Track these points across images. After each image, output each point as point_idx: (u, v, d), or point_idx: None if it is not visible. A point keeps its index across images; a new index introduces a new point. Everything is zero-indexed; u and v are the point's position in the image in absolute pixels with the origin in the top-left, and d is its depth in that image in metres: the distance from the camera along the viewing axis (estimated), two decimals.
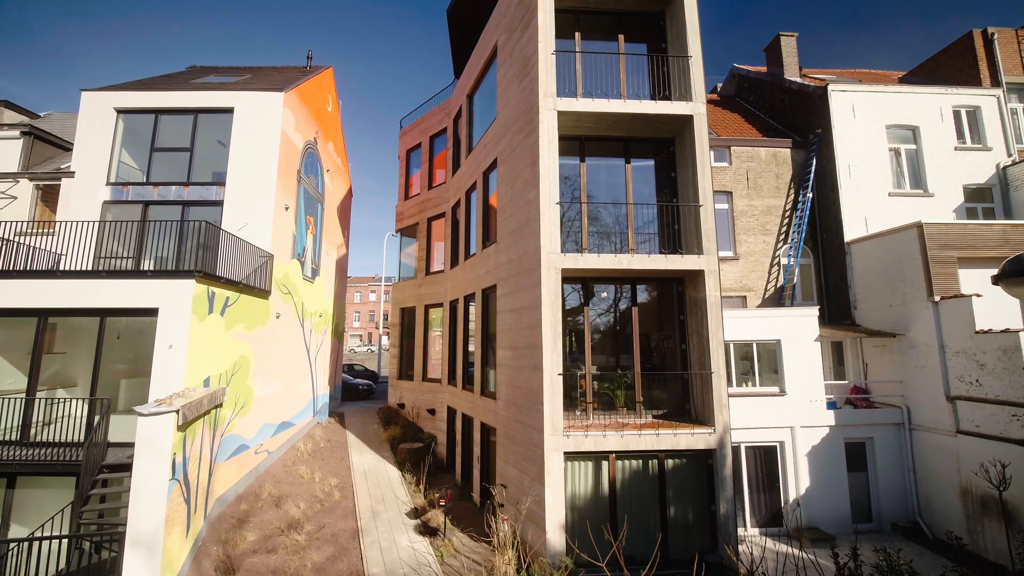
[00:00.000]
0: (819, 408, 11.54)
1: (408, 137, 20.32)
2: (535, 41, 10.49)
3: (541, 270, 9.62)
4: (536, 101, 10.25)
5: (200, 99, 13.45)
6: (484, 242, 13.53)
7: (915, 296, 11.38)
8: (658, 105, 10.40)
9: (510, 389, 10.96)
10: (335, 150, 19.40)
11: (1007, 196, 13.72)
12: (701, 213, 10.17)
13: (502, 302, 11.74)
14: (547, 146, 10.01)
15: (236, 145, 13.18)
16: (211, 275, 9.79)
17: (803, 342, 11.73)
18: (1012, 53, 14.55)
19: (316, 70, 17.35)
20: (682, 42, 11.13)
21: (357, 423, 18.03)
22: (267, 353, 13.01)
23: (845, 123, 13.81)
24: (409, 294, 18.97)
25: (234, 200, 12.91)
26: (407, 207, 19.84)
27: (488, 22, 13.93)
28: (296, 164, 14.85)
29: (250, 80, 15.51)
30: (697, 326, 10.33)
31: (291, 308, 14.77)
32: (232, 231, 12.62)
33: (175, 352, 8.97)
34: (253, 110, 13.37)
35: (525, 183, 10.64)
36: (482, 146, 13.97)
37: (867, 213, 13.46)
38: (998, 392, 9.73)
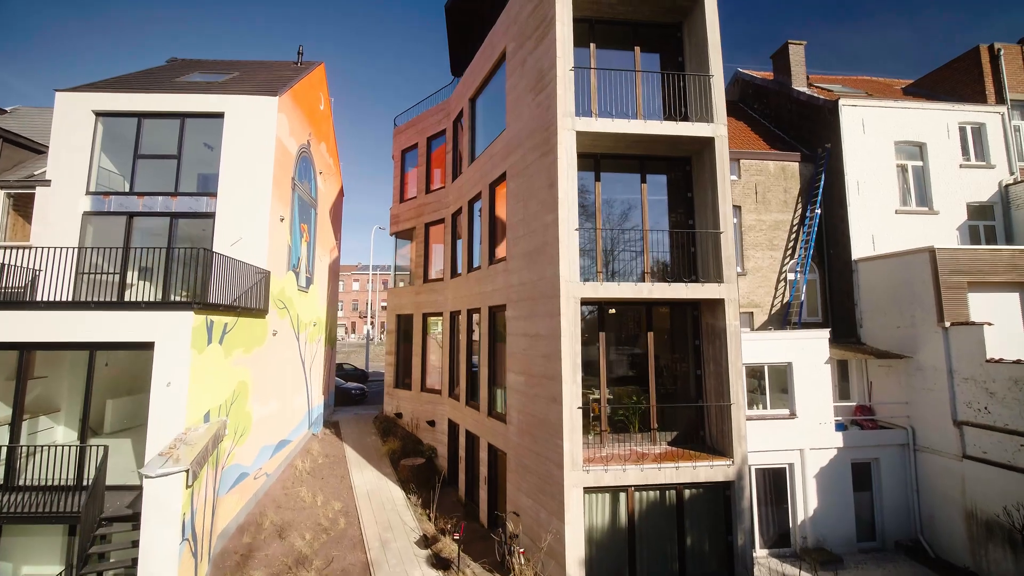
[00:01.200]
0: (828, 430, 11.60)
1: (403, 136, 19.58)
2: (552, 55, 9.99)
3: (560, 299, 9.30)
4: (554, 120, 9.80)
5: (187, 102, 12.57)
6: (491, 257, 13.12)
7: (924, 320, 11.43)
8: (679, 126, 10.06)
9: (523, 416, 10.69)
10: (327, 150, 18.57)
11: (1008, 214, 13.87)
12: (722, 240, 9.94)
13: (513, 324, 11.41)
14: (566, 168, 9.61)
15: (227, 152, 12.40)
16: (210, 304, 9.19)
17: (814, 364, 11.73)
18: (1016, 69, 14.58)
19: (308, 67, 16.44)
20: (701, 58, 10.76)
21: (354, 434, 17.62)
22: (265, 374, 12.47)
23: (855, 138, 13.70)
24: (406, 301, 18.46)
25: (226, 212, 12.19)
26: (403, 210, 19.20)
27: (496, 25, 13.30)
28: (290, 171, 14.11)
29: (238, 79, 14.59)
30: (714, 353, 10.19)
31: (287, 322, 14.18)
32: (226, 246, 11.95)
33: (174, 390, 8.42)
34: (245, 115, 12.57)
35: (541, 205, 10.24)
36: (488, 157, 13.45)
37: (874, 231, 13.45)
38: (1007, 421, 9.86)
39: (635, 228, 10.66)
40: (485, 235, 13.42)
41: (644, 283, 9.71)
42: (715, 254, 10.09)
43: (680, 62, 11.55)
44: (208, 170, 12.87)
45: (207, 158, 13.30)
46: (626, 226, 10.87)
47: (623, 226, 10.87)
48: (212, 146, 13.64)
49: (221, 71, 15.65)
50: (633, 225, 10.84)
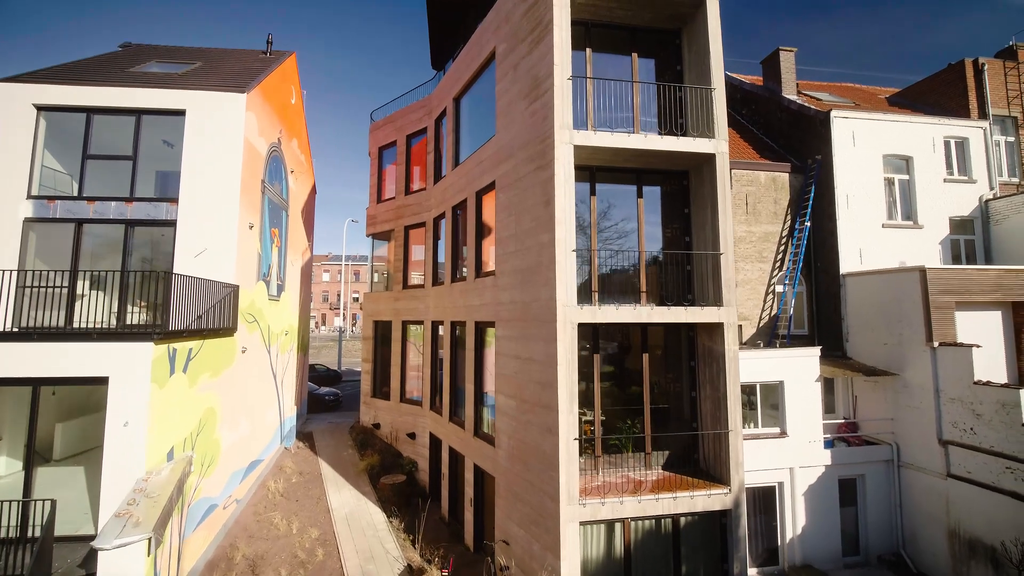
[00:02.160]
0: (817, 448, 11.59)
1: (380, 133, 18.60)
2: (549, 63, 9.37)
3: (557, 325, 8.81)
4: (550, 133, 9.22)
5: (144, 97, 11.40)
6: (478, 270, 12.51)
7: (912, 338, 11.47)
8: (680, 142, 9.63)
9: (514, 442, 10.23)
10: (299, 147, 17.45)
11: (987, 229, 14.09)
12: (722, 262, 9.62)
13: (503, 344, 10.88)
14: (563, 184, 9.06)
15: (190, 154, 11.33)
16: (172, 332, 8.32)
17: (805, 382, 11.66)
18: (999, 85, 14.74)
19: (277, 58, 15.27)
20: (702, 69, 10.33)
21: (329, 447, 16.86)
22: (234, 395, 11.60)
23: (845, 151, 13.60)
24: (384, 307, 17.67)
25: (189, 220, 11.16)
26: (380, 211, 18.30)
27: (484, 22, 12.53)
28: (260, 174, 13.09)
29: (201, 71, 13.38)
30: (711, 376, 9.93)
31: (257, 336, 13.26)
32: (189, 257, 10.96)
33: (133, 429, 7.58)
34: (210, 113, 11.49)
35: (535, 222, 9.68)
36: (475, 163, 12.76)
37: (862, 244, 13.45)
38: (993, 443, 9.98)
39: (631, 250, 10.23)
40: (471, 246, 12.78)
41: (643, 306, 9.32)
42: (715, 276, 9.77)
43: (678, 71, 11.10)
44: (170, 180, 11.75)
45: (168, 156, 12.16)
46: (622, 242, 10.45)
47: (619, 242, 10.44)
48: (172, 144, 12.51)
49: (181, 60, 14.35)
50: (629, 244, 10.42)
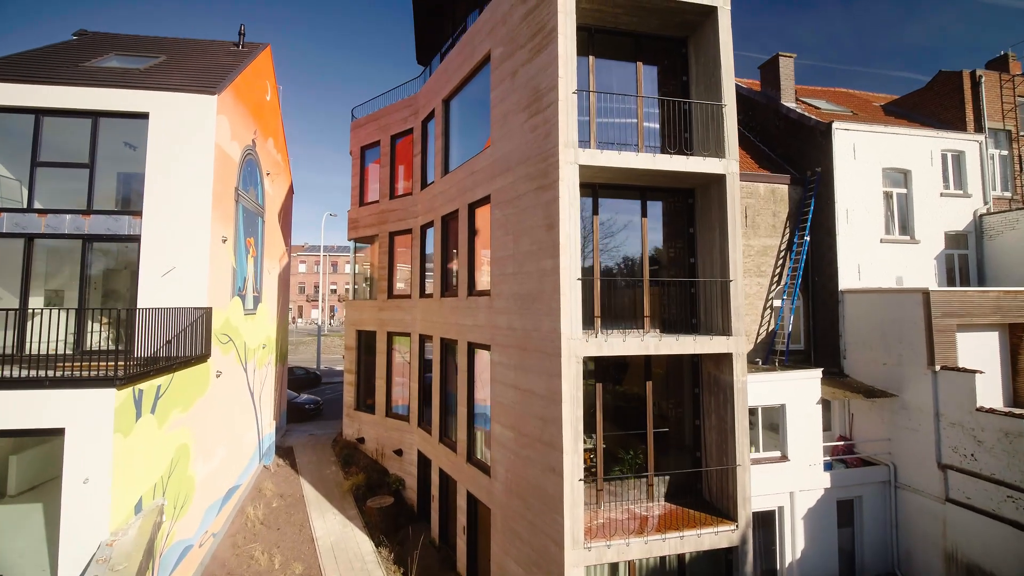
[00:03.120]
0: (818, 471, 11.45)
1: (363, 132, 17.61)
2: (552, 75, 8.68)
3: (561, 360, 8.27)
4: (554, 151, 8.57)
5: (101, 98, 10.28)
6: (470, 287, 11.86)
7: (912, 360, 11.34)
8: (690, 162, 9.10)
9: (512, 475, 9.73)
10: (275, 146, 16.35)
11: (981, 244, 14.07)
12: (731, 289, 9.19)
13: (500, 371, 10.31)
14: (567, 207, 8.45)
15: (154, 163, 10.31)
16: (137, 374, 7.48)
17: (806, 405, 11.45)
18: (994, 97, 14.63)
19: (251, 52, 14.12)
20: (710, 83, 9.78)
21: (311, 464, 16.11)
22: (209, 424, 10.77)
23: (846, 164, 13.32)
24: (367, 316, 16.88)
25: (155, 235, 10.19)
26: (363, 215, 17.40)
27: (478, 23, 11.71)
28: (234, 181, 12.10)
29: (166, 65, 12.22)
30: (717, 406, 9.57)
31: (232, 356, 12.38)
32: (156, 276, 10.03)
33: (95, 486, 6.78)
34: (176, 117, 10.45)
35: (537, 246, 9.07)
36: (467, 173, 12.03)
37: (860, 260, 13.26)
38: (994, 470, 9.92)
39: (636, 277, 9.73)
40: (463, 261, 12.10)
41: (650, 336, 8.85)
42: (723, 303, 9.35)
43: (684, 81, 10.53)
44: (132, 180, 10.71)
45: (131, 162, 11.09)
46: (623, 260, 9.96)
47: (619, 257, 9.95)
48: (135, 146, 11.44)
49: (143, 53, 13.11)
50: (632, 264, 9.92)
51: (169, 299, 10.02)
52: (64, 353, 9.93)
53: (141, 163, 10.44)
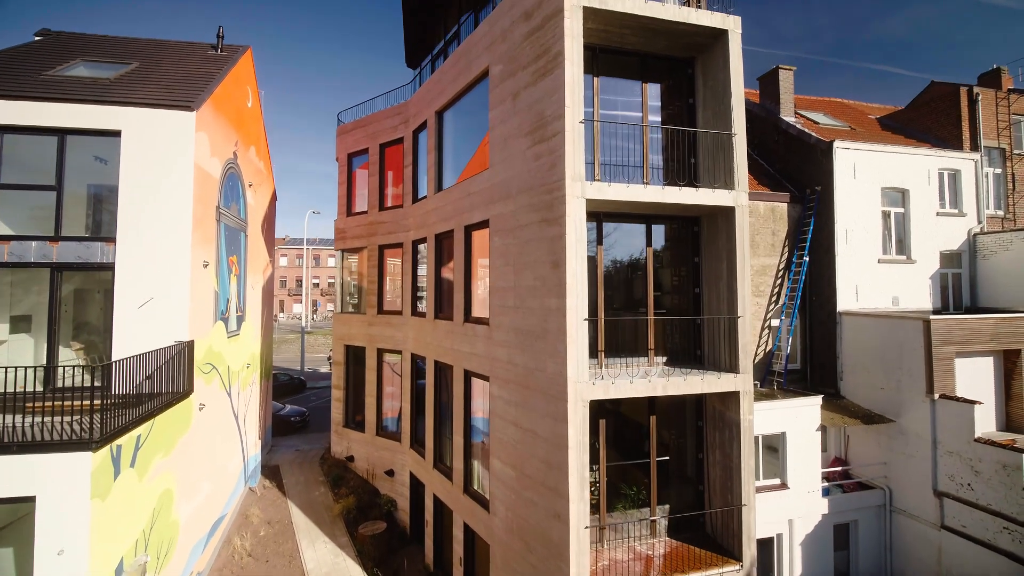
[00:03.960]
0: (816, 497, 11.44)
1: (350, 137, 16.88)
2: (559, 103, 8.23)
3: (568, 405, 7.95)
4: (560, 185, 8.16)
5: (69, 115, 9.49)
6: (467, 313, 11.44)
7: (911, 386, 11.34)
8: (699, 194, 8.78)
9: (513, 515, 9.45)
10: (257, 154, 15.56)
11: (974, 263, 14.14)
12: (739, 325, 8.96)
13: (499, 405, 9.97)
14: (575, 245, 8.07)
15: (129, 185, 9.60)
16: (114, 431, 6.93)
17: (806, 432, 11.40)
18: (990, 115, 14.62)
19: (230, 56, 13.27)
20: (719, 109, 9.44)
21: (299, 486, 15.63)
22: (192, 462, 10.23)
23: (846, 183, 13.18)
24: (356, 331, 16.34)
25: (131, 262, 9.52)
26: (351, 225, 16.76)
27: (475, 36, 11.14)
28: (215, 200, 11.40)
29: (138, 73, 11.38)
30: (722, 442, 9.40)
31: (216, 384, 11.79)
32: (132, 307, 9.39)
33: (71, 557, 6.27)
34: (152, 135, 9.72)
35: (540, 281, 8.68)
36: (464, 193, 11.54)
37: (858, 280, 13.20)
38: (990, 501, 9.98)
39: (642, 316, 9.44)
40: (459, 285, 11.66)
41: (657, 377, 8.57)
42: (730, 339, 9.12)
43: (691, 104, 10.17)
44: (106, 212, 9.98)
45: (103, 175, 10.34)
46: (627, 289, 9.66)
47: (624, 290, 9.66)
48: (106, 160, 10.68)
49: (113, 58, 12.20)
50: (636, 293, 9.63)
51: (147, 331, 9.42)
52: (33, 392, 9.31)
53: (115, 179, 9.72)
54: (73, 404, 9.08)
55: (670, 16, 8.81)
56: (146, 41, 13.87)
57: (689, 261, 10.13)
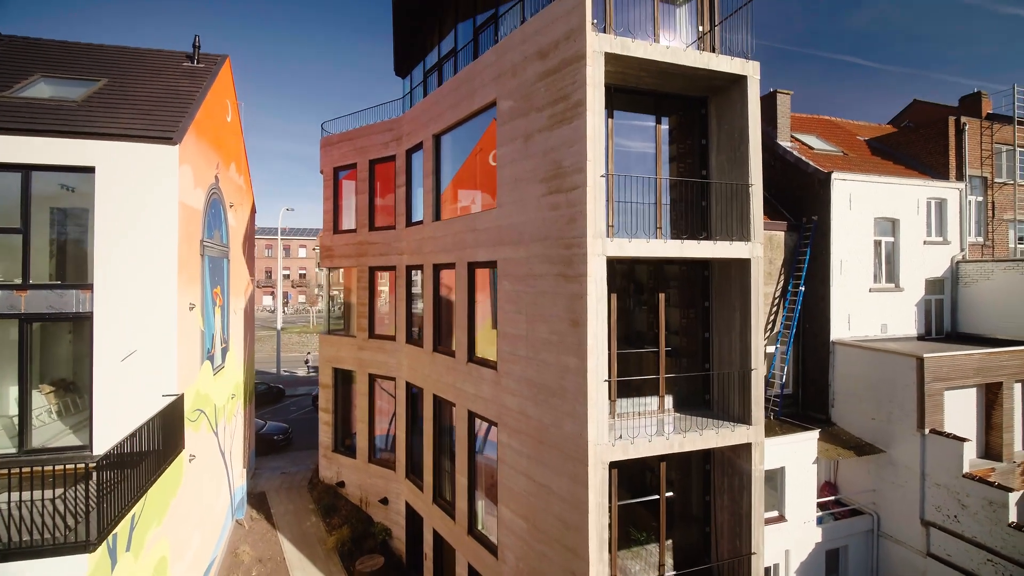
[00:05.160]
0: (811, 527, 11.78)
1: (336, 151, 16.05)
2: (579, 155, 7.89)
3: (588, 468, 7.81)
4: (580, 242, 7.87)
5: (32, 149, 8.55)
6: (471, 352, 11.11)
7: (902, 419, 11.71)
8: (717, 247, 8.66)
9: (525, 567, 9.33)
10: (237, 170, 14.59)
11: (956, 290, 14.64)
12: (753, 378, 8.97)
13: (509, 453, 9.76)
14: (595, 304, 7.85)
15: (106, 226, 8.78)
16: (114, 519, 6.38)
17: (803, 465, 11.67)
18: (974, 145, 15.01)
19: (209, 70, 12.25)
20: (735, 154, 9.28)
21: (288, 515, 15.14)
22: (185, 519, 9.67)
23: (842, 214, 13.35)
24: (346, 354, 15.78)
25: (111, 311, 8.76)
26: (338, 243, 16.05)
27: (480, 62, 10.59)
28: (199, 234, 10.61)
29: (109, 93, 10.37)
30: (730, 487, 9.48)
31: (204, 429, 11.15)
32: (114, 361, 8.68)
33: None
34: (130, 171, 8.88)
35: (556, 336, 8.43)
36: (468, 228, 11.09)
37: (851, 309, 13.48)
38: (975, 533, 10.47)
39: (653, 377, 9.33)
40: (462, 322, 11.29)
41: (675, 435, 8.50)
42: (743, 390, 9.13)
43: (704, 145, 9.99)
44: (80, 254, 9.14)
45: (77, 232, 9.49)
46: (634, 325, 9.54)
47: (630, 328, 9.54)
48: (73, 187, 9.80)
49: (79, 73, 11.08)
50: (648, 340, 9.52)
51: (132, 385, 8.76)
52: (6, 454, 8.57)
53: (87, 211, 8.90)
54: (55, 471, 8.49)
55: (691, 62, 8.54)
56: (112, 49, 12.63)
57: (698, 304, 10.06)
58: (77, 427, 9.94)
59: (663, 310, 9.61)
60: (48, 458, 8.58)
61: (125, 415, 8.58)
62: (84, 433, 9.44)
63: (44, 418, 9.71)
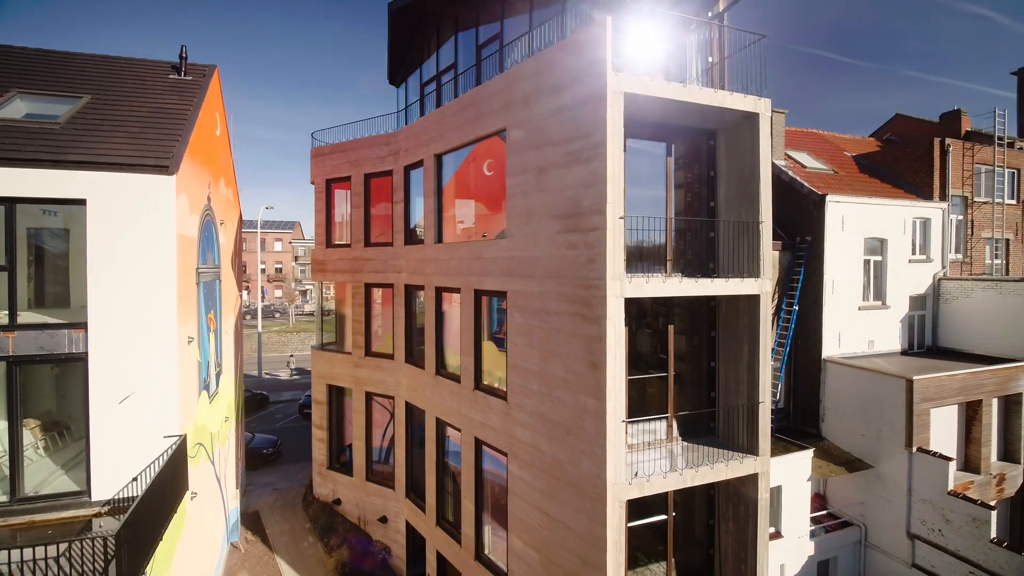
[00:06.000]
0: (805, 541, 12.23)
1: (328, 162, 15.58)
2: (598, 197, 7.85)
3: (607, 508, 7.89)
4: (600, 284, 7.85)
5: (15, 181, 8.00)
6: (478, 379, 11.04)
7: (891, 437, 12.21)
8: (729, 285, 8.79)
9: None
10: (226, 184, 14.02)
11: (937, 306, 15.26)
12: (760, 411, 9.18)
13: (520, 485, 9.78)
14: (614, 346, 7.88)
15: (99, 262, 8.31)
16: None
17: (798, 483, 12.05)
18: (957, 165, 15.54)
19: (199, 84, 11.64)
20: (745, 190, 9.38)
21: (285, 535, 14.90)
22: (189, 557, 9.40)
23: (835, 235, 13.70)
24: (341, 371, 15.49)
25: (106, 351, 8.35)
26: (331, 258, 15.66)
27: (489, 87, 10.36)
28: (194, 262, 10.18)
29: (93, 112, 9.76)
30: (736, 515, 9.74)
31: (203, 462, 10.82)
32: (111, 402, 8.32)
33: None
34: (124, 204, 8.41)
35: (573, 375, 8.44)
36: (474, 254, 10.94)
37: (841, 328, 13.91)
38: (959, 547, 11.06)
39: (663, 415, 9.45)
40: (468, 348, 11.19)
41: (688, 470, 8.64)
42: (750, 422, 9.34)
43: (711, 176, 10.05)
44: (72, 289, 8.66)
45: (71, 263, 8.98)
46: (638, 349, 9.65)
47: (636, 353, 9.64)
48: (56, 211, 9.31)
49: (58, 88, 10.38)
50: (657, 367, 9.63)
51: (130, 428, 8.41)
52: None
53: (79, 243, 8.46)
54: (49, 520, 8.12)
55: (706, 100, 8.57)
56: (92, 59, 11.85)
57: (703, 332, 10.20)
58: (68, 466, 9.54)
59: (672, 341, 9.73)
60: (44, 506, 8.21)
61: (125, 459, 8.23)
62: (76, 473, 9.10)
63: (31, 455, 9.28)
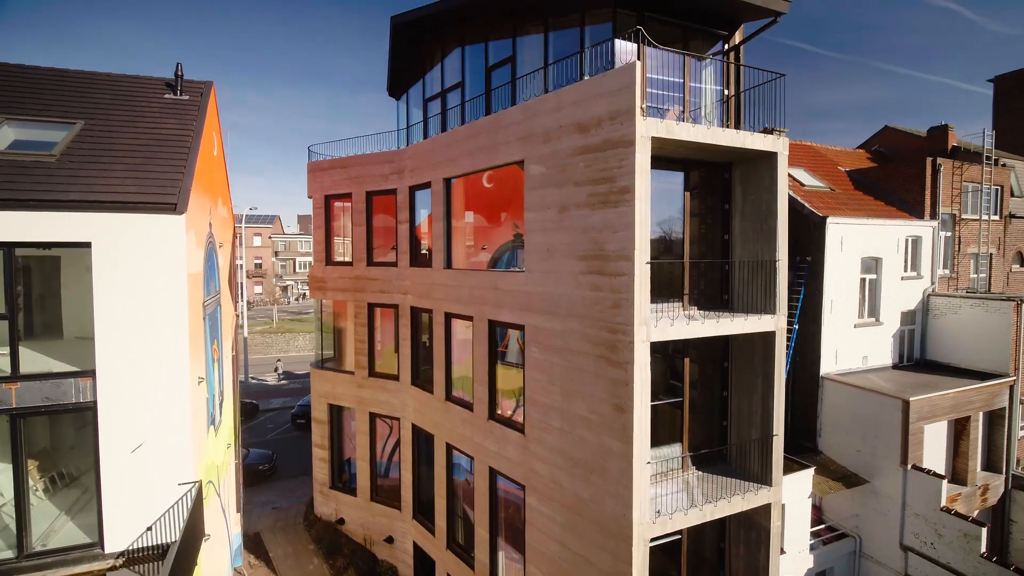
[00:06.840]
0: (805, 554, 12.68)
1: (327, 177, 15.18)
2: (626, 242, 7.86)
3: (633, 549, 8.03)
4: (627, 329, 7.90)
5: (15, 225, 7.57)
6: (492, 409, 11.02)
7: (886, 454, 12.69)
8: (748, 322, 8.91)
9: None
10: (223, 203, 13.53)
11: (926, 321, 15.81)
12: (774, 443, 9.42)
13: (538, 518, 9.86)
14: (640, 390, 7.96)
15: (105, 306, 7.97)
16: None
17: (800, 500, 12.45)
18: (947, 184, 16.02)
19: (195, 101, 11.13)
20: (760, 226, 9.50)
21: (289, 558, 14.75)
22: None
23: (834, 256, 14.01)
24: (343, 391, 15.28)
25: (116, 399, 8.05)
26: (331, 276, 15.34)
27: (505, 116, 10.17)
28: (200, 297, 9.84)
29: (89, 140, 9.25)
30: (747, 540, 10.03)
31: (212, 495, 10.57)
32: (122, 452, 8.04)
33: None
34: (131, 246, 8.05)
35: (597, 416, 8.50)
36: (489, 285, 10.84)
37: (838, 345, 14.31)
38: (950, 560, 11.64)
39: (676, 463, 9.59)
40: (482, 377, 11.14)
41: (707, 505, 8.82)
42: (763, 453, 9.58)
43: (726, 210, 10.14)
44: (78, 334, 8.27)
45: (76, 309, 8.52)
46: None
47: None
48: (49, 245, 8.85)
49: (49, 112, 9.79)
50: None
51: (144, 477, 8.16)
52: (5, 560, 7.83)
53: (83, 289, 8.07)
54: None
55: (727, 142, 8.61)
56: (82, 77, 11.17)
57: (716, 361, 10.37)
58: (74, 511, 9.22)
59: (687, 372, 9.86)
60: (54, 561, 7.93)
61: (138, 508, 8.03)
62: (83, 519, 8.82)
63: (32, 499, 8.93)
